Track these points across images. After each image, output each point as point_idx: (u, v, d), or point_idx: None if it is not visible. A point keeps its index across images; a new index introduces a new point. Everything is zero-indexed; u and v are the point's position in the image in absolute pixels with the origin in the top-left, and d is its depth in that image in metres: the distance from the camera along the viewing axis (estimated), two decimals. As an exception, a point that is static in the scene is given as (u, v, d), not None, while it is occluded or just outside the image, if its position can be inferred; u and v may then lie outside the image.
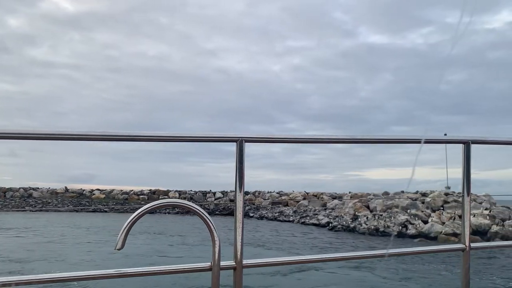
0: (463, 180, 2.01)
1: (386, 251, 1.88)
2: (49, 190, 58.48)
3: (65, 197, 56.67)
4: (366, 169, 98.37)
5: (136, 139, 1.67)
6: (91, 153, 71.92)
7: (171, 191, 56.96)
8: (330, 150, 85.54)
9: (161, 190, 57.29)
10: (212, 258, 1.57)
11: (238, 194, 1.68)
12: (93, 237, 25.12)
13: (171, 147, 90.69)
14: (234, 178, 1.74)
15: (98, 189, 59.78)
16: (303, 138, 1.83)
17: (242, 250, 1.64)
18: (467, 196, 2.04)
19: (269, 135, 1.79)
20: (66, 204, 52.94)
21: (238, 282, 1.62)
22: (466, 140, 1.97)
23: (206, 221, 1.59)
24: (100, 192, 58.88)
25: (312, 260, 1.98)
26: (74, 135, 1.64)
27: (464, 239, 2.04)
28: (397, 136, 1.98)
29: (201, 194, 56.51)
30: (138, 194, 57.22)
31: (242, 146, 1.67)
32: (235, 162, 1.67)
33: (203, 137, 1.71)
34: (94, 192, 58.56)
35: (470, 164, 1.99)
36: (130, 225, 1.50)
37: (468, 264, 2.01)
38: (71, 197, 56.60)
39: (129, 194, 57.31)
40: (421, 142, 1.83)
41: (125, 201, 55.55)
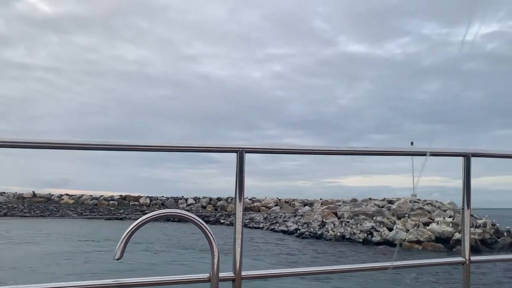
0: (463, 193, 2.02)
1: (390, 263, 1.89)
2: (16, 195, 56.79)
3: (32, 202, 55.06)
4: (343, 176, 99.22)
5: (133, 149, 1.65)
6: (68, 158, 70.22)
7: (142, 197, 56.01)
8: (308, 157, 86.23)
9: (131, 196, 56.27)
10: (211, 269, 1.56)
11: (238, 204, 1.67)
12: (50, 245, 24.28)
13: (149, 152, 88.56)
14: (214, 185, 1.56)
15: (67, 194, 58.37)
16: (304, 150, 1.84)
17: (241, 261, 1.62)
18: (467, 209, 2.02)
19: (269, 145, 1.79)
20: (33, 209, 51.39)
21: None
22: (466, 153, 1.99)
23: (205, 233, 1.56)
24: (69, 197, 57.47)
25: (313, 272, 1.98)
26: (55, 143, 1.55)
27: (464, 252, 2.01)
28: (402, 148, 2.02)
29: (173, 200, 55.72)
30: (108, 199, 56.04)
31: (243, 156, 1.66)
32: (235, 172, 1.66)
33: (204, 148, 1.71)
34: (63, 197, 57.12)
35: (470, 177, 2.00)
36: (129, 235, 1.47)
37: (468, 277, 2.01)
38: (39, 202, 55.03)
39: (99, 200, 56.08)
40: (426, 154, 1.87)
41: (95, 206, 54.31)
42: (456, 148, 2.05)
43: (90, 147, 1.60)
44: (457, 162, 2.03)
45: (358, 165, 66.33)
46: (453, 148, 2.05)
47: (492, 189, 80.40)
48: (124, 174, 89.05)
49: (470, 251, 2.02)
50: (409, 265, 2.20)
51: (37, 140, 1.52)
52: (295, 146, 1.83)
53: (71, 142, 1.56)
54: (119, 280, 1.55)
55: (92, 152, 1.84)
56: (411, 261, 2.27)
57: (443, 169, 21.89)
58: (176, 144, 1.68)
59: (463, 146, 2.09)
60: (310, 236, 29.83)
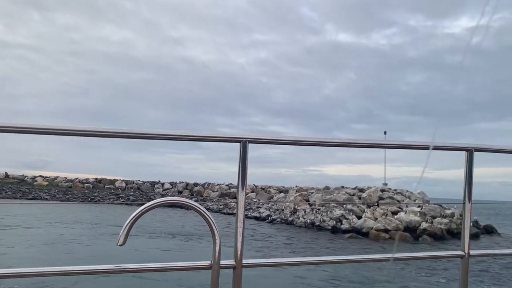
0: (464, 187, 2.03)
1: (392, 255, 1.93)
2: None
3: (4, 183, 53.92)
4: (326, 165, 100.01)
5: (136, 137, 1.64)
6: (49, 140, 68.71)
7: (118, 180, 55.37)
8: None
9: (107, 179, 55.59)
10: (212, 256, 1.57)
11: (240, 193, 1.67)
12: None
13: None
14: (198, 170, 1.40)
15: (42, 175, 57.36)
16: (307, 141, 1.84)
17: (242, 249, 1.64)
18: (468, 203, 2.03)
19: (272, 136, 1.80)
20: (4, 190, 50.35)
21: (238, 281, 1.63)
22: (469, 148, 2.02)
23: (208, 221, 1.57)
24: (43, 179, 56.49)
25: (314, 262, 2.00)
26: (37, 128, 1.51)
27: (464, 246, 2.02)
28: (405, 142, 2.02)
29: (149, 185, 55.25)
30: (83, 182, 55.26)
31: (246, 147, 1.67)
32: (238, 162, 1.67)
33: (207, 137, 1.72)
34: (37, 179, 56.12)
35: (473, 172, 2.01)
36: (132, 222, 1.47)
37: (467, 270, 2.02)
38: (11, 183, 53.93)
39: (74, 182, 55.27)
40: (429, 148, 1.90)
41: (69, 189, 53.50)
42: (459, 143, 2.06)
43: (91, 134, 1.57)
44: (440, 154, 2.07)
45: (341, 154, 66.74)
46: (456, 142, 2.06)
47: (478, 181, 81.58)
48: (107, 158, 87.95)
49: (469, 245, 2.02)
50: (409, 257, 2.28)
51: (17, 125, 1.49)
52: (298, 137, 1.84)
53: (60, 128, 1.53)
54: (121, 265, 1.56)
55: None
56: (411, 254, 2.38)
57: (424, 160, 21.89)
58: (179, 133, 1.67)
59: (442, 139, 2.09)
60: (281, 222, 29.87)
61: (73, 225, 26.05)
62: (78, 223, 27.05)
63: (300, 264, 2.03)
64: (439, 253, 2.59)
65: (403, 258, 2.15)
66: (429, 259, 15.61)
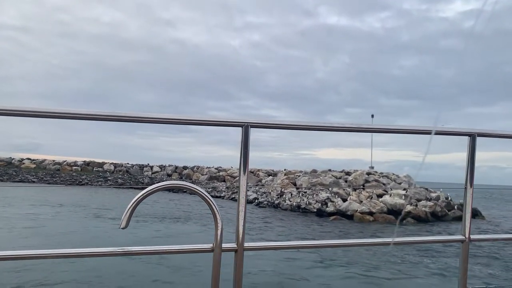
0: (466, 172, 2.05)
1: (392, 239, 1.94)
2: (-26, 158, 54.94)
3: (-9, 165, 53.39)
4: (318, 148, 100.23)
5: (140, 121, 1.59)
6: (40, 122, 67.80)
7: (106, 163, 55.01)
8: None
9: (95, 161, 55.21)
10: (214, 239, 1.59)
11: (242, 178, 1.69)
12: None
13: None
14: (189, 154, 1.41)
15: (29, 158, 56.85)
16: (309, 126, 1.84)
17: (244, 233, 1.65)
18: (470, 188, 2.05)
19: (274, 121, 1.80)
20: (-9, 173, 49.84)
21: (239, 265, 1.65)
22: (472, 133, 2.03)
23: (210, 205, 1.58)
24: (31, 161, 55.97)
25: (314, 245, 2.04)
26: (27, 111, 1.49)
27: (464, 230, 2.05)
28: (407, 126, 2.02)
29: (138, 168, 54.97)
30: (71, 165, 54.84)
31: (248, 131, 1.68)
32: (240, 146, 1.67)
33: (208, 121, 1.72)
34: (24, 162, 55.58)
35: (475, 157, 2.03)
36: (135, 205, 1.48)
37: (467, 255, 2.06)
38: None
39: (62, 165, 54.83)
40: (431, 133, 1.90)
41: (57, 172, 53.08)
42: (461, 128, 2.07)
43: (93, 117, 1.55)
44: (431, 138, 1.95)
45: (332, 138, 66.70)
46: (458, 128, 2.07)
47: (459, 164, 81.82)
48: (97, 140, 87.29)
49: (470, 230, 2.05)
50: (410, 241, 2.38)
51: (6, 108, 1.46)
52: (299, 122, 1.81)
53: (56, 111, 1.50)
54: (124, 248, 1.57)
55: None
56: (412, 238, 2.41)
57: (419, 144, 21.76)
58: (179, 117, 1.65)
59: (433, 122, 2.05)
60: (268, 205, 29.89)
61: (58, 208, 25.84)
62: (64, 206, 26.86)
63: (300, 247, 2.13)
64: (439, 237, 2.63)
65: (403, 242, 2.22)
66: (428, 243, 15.79)
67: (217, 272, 1.60)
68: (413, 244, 14.68)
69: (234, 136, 7.89)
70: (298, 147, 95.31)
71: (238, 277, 1.67)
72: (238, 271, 1.67)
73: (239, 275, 1.67)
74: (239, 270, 1.67)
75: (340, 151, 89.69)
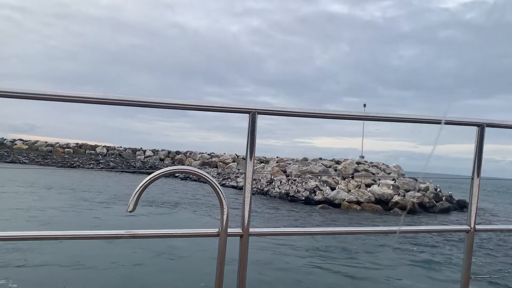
0: (474, 162, 2.05)
1: (398, 228, 1.96)
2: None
3: (-17, 145, 53.07)
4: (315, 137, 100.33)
5: (145, 105, 1.60)
6: (36, 103, 67.20)
7: (99, 146, 54.80)
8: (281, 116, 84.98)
9: (88, 144, 55.00)
10: (220, 224, 1.61)
11: (249, 164, 1.68)
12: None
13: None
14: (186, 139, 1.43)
15: (21, 139, 56.50)
16: (316, 113, 1.84)
17: (249, 218, 1.68)
18: (476, 178, 2.05)
19: (281, 108, 1.79)
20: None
21: (244, 249, 1.69)
22: (481, 123, 2.03)
23: (216, 190, 1.59)
24: (23, 142, 55.65)
25: (320, 232, 2.07)
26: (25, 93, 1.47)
27: (470, 220, 2.06)
28: (416, 116, 2.00)
29: (131, 151, 54.80)
30: (64, 147, 54.60)
31: (255, 118, 1.69)
32: (247, 133, 1.68)
33: (216, 107, 1.71)
34: (16, 142, 55.28)
35: (483, 147, 2.03)
36: (142, 189, 1.48)
37: (472, 245, 2.07)
38: (-11, 146, 53.09)
39: (54, 147, 54.57)
40: (441, 122, 1.90)
41: (49, 153, 52.86)
42: (470, 118, 2.06)
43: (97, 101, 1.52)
44: (427, 128, 2.02)
45: (330, 127, 66.52)
46: (467, 118, 2.05)
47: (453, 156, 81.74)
48: (95, 123, 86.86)
49: (476, 220, 2.06)
50: (415, 230, 2.35)
51: (2, 89, 1.44)
52: (306, 109, 1.81)
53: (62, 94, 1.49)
54: (131, 231, 1.59)
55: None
56: (417, 227, 2.46)
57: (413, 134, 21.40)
58: (186, 102, 1.64)
59: (431, 112, 2.10)
60: (257, 192, 29.88)
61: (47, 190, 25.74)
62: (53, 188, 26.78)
63: (304, 234, 2.06)
64: (445, 227, 2.62)
65: (408, 231, 2.20)
66: (432, 233, 15.83)
67: (223, 256, 1.63)
68: (418, 233, 14.83)
69: (233, 122, 7.58)
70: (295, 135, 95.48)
71: (243, 261, 1.70)
72: (243, 255, 1.70)
73: (244, 259, 1.70)
74: (244, 255, 1.70)
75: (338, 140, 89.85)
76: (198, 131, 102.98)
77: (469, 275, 2.04)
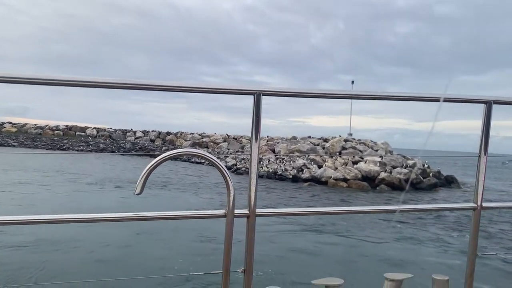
0: (481, 140, 2.04)
1: (398, 207, 1.96)
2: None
3: (-29, 129, 52.54)
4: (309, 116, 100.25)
5: (147, 88, 1.56)
6: (30, 86, 66.33)
7: (89, 128, 54.41)
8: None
9: (78, 126, 54.56)
10: (227, 205, 1.64)
11: (254, 146, 1.70)
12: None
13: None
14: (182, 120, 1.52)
15: (10, 122, 55.97)
16: (321, 93, 1.85)
17: (255, 199, 1.70)
18: (483, 156, 2.05)
19: (286, 89, 1.80)
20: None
21: (251, 230, 1.72)
22: (488, 100, 2.01)
23: (222, 172, 1.62)
24: (11, 125, 55.16)
25: (324, 212, 2.09)
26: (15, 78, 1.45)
27: (477, 198, 2.07)
28: (415, 93, 2.00)
29: (121, 132, 54.47)
30: (53, 129, 54.16)
31: (260, 99, 1.69)
32: (252, 114, 1.68)
33: (220, 89, 1.71)
34: (5, 125, 54.77)
35: (490, 125, 2.02)
36: (149, 171, 1.50)
37: (478, 222, 2.09)
38: (-22, 130, 52.57)
39: (44, 129, 54.14)
40: (440, 100, 1.89)
41: (39, 136, 52.45)
42: (476, 95, 2.05)
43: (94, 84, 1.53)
44: (423, 105, 2.01)
45: (324, 106, 66.32)
46: (472, 95, 2.04)
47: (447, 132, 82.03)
48: (87, 105, 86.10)
49: (482, 197, 2.07)
50: (416, 209, 2.42)
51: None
52: (312, 90, 1.81)
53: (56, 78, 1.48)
54: (139, 213, 1.61)
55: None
56: (422, 206, 2.92)
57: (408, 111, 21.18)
58: (190, 84, 1.64)
59: (427, 90, 1.91)
60: (246, 172, 29.85)
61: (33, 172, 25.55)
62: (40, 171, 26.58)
63: (308, 214, 2.10)
64: (450, 205, 2.61)
65: (409, 209, 2.29)
66: (437, 211, 15.88)
67: (230, 237, 1.66)
68: (420, 212, 14.88)
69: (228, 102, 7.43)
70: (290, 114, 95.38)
71: (250, 241, 1.73)
72: (250, 235, 1.73)
73: (251, 239, 1.73)
74: (251, 235, 1.73)
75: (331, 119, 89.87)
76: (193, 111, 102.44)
77: (475, 253, 2.06)
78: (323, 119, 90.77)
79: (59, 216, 1.57)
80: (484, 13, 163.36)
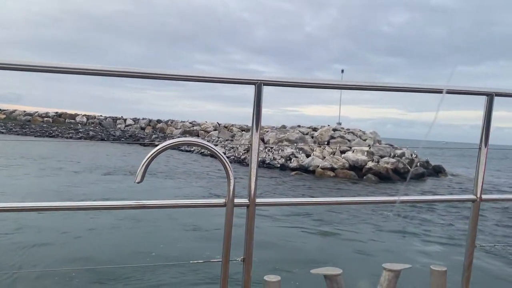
0: (482, 132, 2.03)
1: (398, 198, 1.97)
2: None
3: (-41, 115, 51.95)
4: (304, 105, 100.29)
5: (147, 77, 1.55)
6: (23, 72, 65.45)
7: (79, 115, 54.00)
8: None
9: (67, 113, 54.12)
10: (227, 195, 1.65)
11: (255, 135, 1.70)
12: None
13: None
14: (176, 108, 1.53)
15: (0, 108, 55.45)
16: (323, 83, 1.84)
17: (255, 189, 1.71)
18: (484, 148, 2.06)
19: (287, 79, 1.77)
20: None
21: (251, 219, 1.73)
22: (490, 92, 2.01)
23: (222, 161, 1.62)
24: (0, 112, 54.61)
25: (324, 202, 2.20)
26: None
27: (476, 190, 2.09)
28: (418, 85, 1.97)
29: (111, 120, 54.12)
30: (43, 116, 53.69)
31: (261, 89, 1.67)
32: (253, 104, 1.67)
33: (221, 78, 1.68)
34: (-6, 112, 54.25)
35: (491, 117, 2.02)
36: (150, 160, 1.50)
37: (477, 214, 2.09)
38: (-34, 116, 51.99)
39: (33, 116, 53.65)
40: (442, 92, 1.88)
41: (28, 122, 51.99)
42: (478, 87, 2.04)
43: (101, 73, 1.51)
44: (417, 96, 1.90)
45: (319, 95, 66.36)
46: (474, 87, 2.03)
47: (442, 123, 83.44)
48: (82, 93, 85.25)
49: (482, 189, 2.07)
50: (417, 200, 2.28)
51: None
52: (313, 80, 1.81)
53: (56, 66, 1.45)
54: (140, 201, 1.62)
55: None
56: (421, 197, 2.37)
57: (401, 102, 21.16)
58: (191, 73, 1.63)
59: (421, 80, 1.88)
60: (234, 160, 29.83)
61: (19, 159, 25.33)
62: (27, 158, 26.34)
63: (309, 204, 2.11)
64: (450, 197, 2.89)
65: (410, 201, 2.20)
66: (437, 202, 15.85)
67: (230, 226, 1.66)
68: (420, 203, 14.95)
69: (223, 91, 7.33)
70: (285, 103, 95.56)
71: (250, 230, 1.73)
72: (250, 224, 1.73)
73: (251, 228, 1.73)
74: (251, 224, 1.73)
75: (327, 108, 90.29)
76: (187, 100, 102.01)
77: (474, 244, 2.07)
78: (319, 108, 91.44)
79: (58, 204, 1.56)
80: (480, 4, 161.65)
